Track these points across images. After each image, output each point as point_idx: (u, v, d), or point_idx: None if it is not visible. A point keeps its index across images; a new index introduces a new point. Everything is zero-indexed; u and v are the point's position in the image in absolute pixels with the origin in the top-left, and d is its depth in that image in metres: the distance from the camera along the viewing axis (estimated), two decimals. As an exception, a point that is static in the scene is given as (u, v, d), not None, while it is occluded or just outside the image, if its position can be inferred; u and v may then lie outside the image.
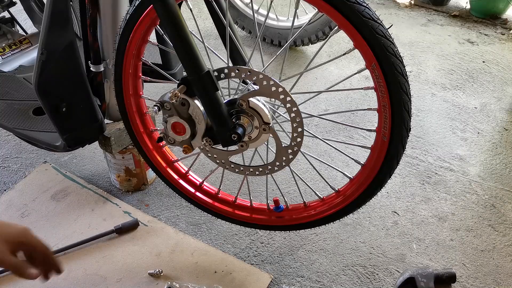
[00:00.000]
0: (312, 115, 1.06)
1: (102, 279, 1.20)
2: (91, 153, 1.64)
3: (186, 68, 0.91)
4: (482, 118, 1.85)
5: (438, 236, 1.36)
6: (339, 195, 1.09)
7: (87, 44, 1.17)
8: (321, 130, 1.77)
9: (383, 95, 0.89)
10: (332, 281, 1.23)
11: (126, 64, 1.09)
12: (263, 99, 0.97)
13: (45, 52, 1.04)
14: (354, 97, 1.96)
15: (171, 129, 1.00)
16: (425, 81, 2.08)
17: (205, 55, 0.97)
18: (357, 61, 2.18)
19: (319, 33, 2.04)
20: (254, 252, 1.30)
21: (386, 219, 1.41)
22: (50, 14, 1.01)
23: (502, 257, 1.30)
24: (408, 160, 1.63)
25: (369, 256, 1.29)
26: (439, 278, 1.20)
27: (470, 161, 1.63)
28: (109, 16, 1.13)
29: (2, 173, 1.55)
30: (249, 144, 1.01)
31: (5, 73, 1.53)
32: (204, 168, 1.58)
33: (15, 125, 1.30)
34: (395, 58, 0.85)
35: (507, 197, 1.49)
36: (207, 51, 1.02)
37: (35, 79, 1.07)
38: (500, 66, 2.20)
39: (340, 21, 0.85)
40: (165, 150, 1.26)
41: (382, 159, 0.96)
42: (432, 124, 1.81)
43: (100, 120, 1.25)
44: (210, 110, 0.94)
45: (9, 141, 1.70)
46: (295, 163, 1.59)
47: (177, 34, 0.88)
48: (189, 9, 1.01)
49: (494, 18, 2.61)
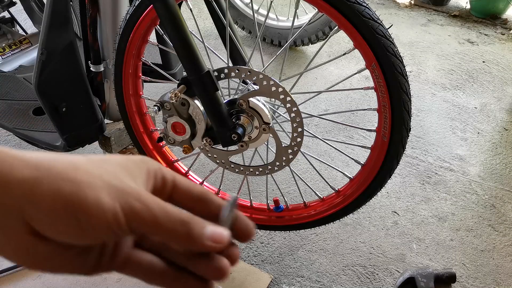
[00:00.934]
0: (312, 115, 1.06)
1: (102, 279, 1.20)
2: (91, 153, 1.64)
3: (186, 68, 0.91)
4: (482, 118, 1.85)
5: (438, 236, 1.36)
6: (339, 195, 1.09)
7: (87, 44, 1.17)
8: (321, 130, 1.77)
9: (383, 95, 0.89)
10: (332, 281, 1.23)
11: (126, 64, 1.09)
12: (263, 99, 0.97)
13: (45, 52, 1.04)
14: (354, 97, 1.96)
15: (171, 129, 1.00)
16: (425, 81, 2.08)
17: (205, 55, 0.97)
18: (357, 61, 2.18)
19: (319, 33, 2.04)
20: (254, 252, 1.30)
21: (386, 219, 1.41)
22: (50, 14, 1.01)
23: (502, 257, 1.30)
24: (408, 160, 1.63)
25: (369, 256, 1.29)
26: (439, 278, 1.20)
27: (470, 161, 1.63)
28: (109, 16, 1.13)
29: (2, 173, 1.55)
30: (249, 144, 1.01)
31: (5, 73, 1.53)
32: (204, 168, 1.58)
33: (15, 125, 1.30)
34: (395, 58, 0.85)
35: (507, 197, 1.49)
36: (207, 51, 1.02)
37: (35, 79, 1.07)
38: (500, 66, 2.20)
39: (340, 21, 0.85)
40: (165, 150, 1.26)
41: (382, 159, 0.96)
42: (432, 124, 1.81)
43: (100, 120, 1.25)
44: (210, 110, 0.93)
45: (9, 141, 1.70)
46: (295, 163, 1.58)
47: (177, 34, 0.88)
48: (189, 9, 1.01)
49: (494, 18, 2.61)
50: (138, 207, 0.29)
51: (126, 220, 0.29)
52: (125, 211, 0.29)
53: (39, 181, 0.28)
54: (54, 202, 0.28)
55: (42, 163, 0.29)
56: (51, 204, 0.28)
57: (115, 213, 0.29)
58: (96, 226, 0.28)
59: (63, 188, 0.28)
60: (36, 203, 0.28)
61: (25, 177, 0.28)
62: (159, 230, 0.30)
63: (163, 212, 0.30)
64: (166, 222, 0.30)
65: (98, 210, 0.28)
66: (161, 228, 0.30)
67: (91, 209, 0.28)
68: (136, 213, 0.29)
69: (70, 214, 0.28)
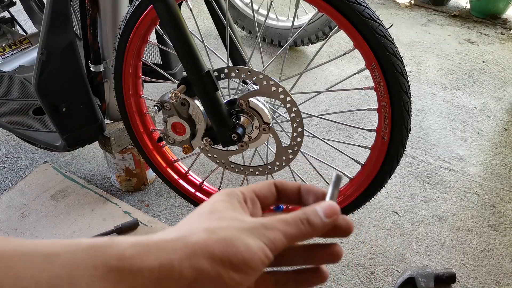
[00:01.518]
0: (312, 115, 1.06)
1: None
2: (91, 153, 1.64)
3: (186, 68, 0.91)
4: (482, 118, 1.85)
5: (438, 236, 1.36)
6: (339, 195, 1.09)
7: (87, 44, 1.17)
8: (321, 130, 1.77)
9: (383, 95, 0.89)
10: (332, 281, 1.23)
11: (126, 64, 1.09)
12: (263, 99, 0.97)
13: (45, 52, 1.04)
14: (354, 97, 1.96)
15: (171, 129, 1.00)
16: (425, 81, 2.08)
17: (205, 55, 0.97)
18: (357, 61, 2.18)
19: (319, 33, 2.04)
20: (254, 252, 1.30)
21: (386, 219, 1.41)
22: (50, 14, 1.01)
23: (502, 257, 1.30)
24: (408, 160, 1.63)
25: (369, 256, 1.29)
26: (439, 278, 1.20)
27: (470, 161, 1.63)
28: (109, 16, 1.13)
29: (2, 173, 1.55)
30: (249, 144, 1.01)
31: (5, 73, 1.53)
32: (204, 168, 1.58)
33: (15, 125, 1.30)
34: (395, 58, 0.85)
35: (507, 197, 1.49)
36: (207, 51, 1.02)
37: (35, 79, 1.07)
38: (500, 66, 2.20)
39: (340, 21, 0.85)
40: (165, 150, 1.26)
41: (382, 159, 0.96)
42: (432, 124, 1.81)
43: (100, 120, 1.25)
44: (210, 110, 0.93)
45: (9, 141, 1.70)
46: (295, 163, 1.58)
47: (177, 34, 0.88)
48: (189, 9, 1.01)
49: (494, 18, 2.61)
50: (272, 235, 0.33)
51: (271, 251, 0.33)
52: (267, 243, 0.33)
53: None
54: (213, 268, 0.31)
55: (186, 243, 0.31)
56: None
57: (262, 249, 0.32)
58: (254, 267, 0.32)
59: (215, 253, 0.31)
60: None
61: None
62: (292, 241, 0.34)
63: (285, 224, 0.34)
64: (293, 231, 0.34)
65: (251, 253, 0.31)
66: (293, 238, 0.34)
67: (245, 256, 0.31)
68: (273, 241, 0.33)
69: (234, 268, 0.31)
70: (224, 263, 0.30)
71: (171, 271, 0.29)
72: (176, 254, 0.30)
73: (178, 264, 0.29)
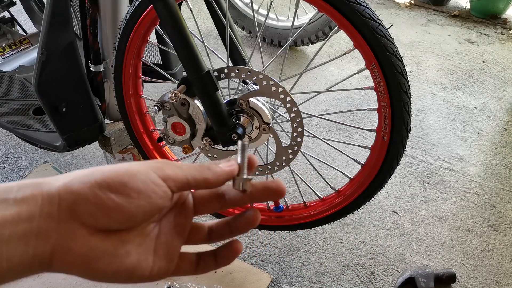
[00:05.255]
0: (312, 115, 1.06)
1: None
2: (91, 153, 1.64)
3: (186, 68, 0.91)
4: (482, 118, 1.85)
5: (438, 236, 1.36)
6: (339, 195, 1.09)
7: (87, 44, 1.17)
8: (321, 130, 1.77)
9: (383, 95, 0.89)
10: (332, 281, 1.23)
11: (126, 64, 1.09)
12: (263, 99, 0.97)
13: (45, 52, 1.04)
14: (354, 97, 1.96)
15: (171, 129, 1.00)
16: (425, 81, 2.08)
17: (205, 55, 0.97)
18: (357, 61, 2.18)
19: (319, 33, 2.04)
20: (254, 252, 1.30)
21: (386, 219, 1.41)
22: (50, 14, 1.01)
23: (502, 257, 1.30)
24: (408, 160, 1.63)
25: (369, 256, 1.29)
26: (439, 278, 1.20)
27: (470, 161, 1.63)
28: (109, 16, 1.13)
29: (2, 173, 1.55)
30: (249, 144, 1.01)
31: (5, 73, 1.53)
32: (204, 168, 1.58)
33: (15, 125, 1.30)
34: (395, 58, 0.85)
35: (507, 197, 1.49)
36: (207, 51, 1.02)
37: (35, 79, 1.07)
38: (500, 66, 2.20)
39: (340, 21, 0.85)
40: (165, 150, 1.26)
41: (382, 159, 0.96)
42: (432, 124, 1.81)
43: (100, 120, 1.25)
44: (210, 110, 0.93)
45: (9, 141, 1.70)
46: (295, 163, 1.58)
47: (177, 34, 0.88)
48: (189, 9, 1.01)
49: (494, 18, 2.61)
50: (172, 170, 0.37)
51: (169, 186, 0.36)
52: (162, 177, 0.36)
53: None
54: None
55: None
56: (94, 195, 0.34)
57: (153, 179, 0.35)
58: (138, 191, 0.35)
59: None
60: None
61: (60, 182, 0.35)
62: (194, 182, 0.38)
63: (190, 167, 0.38)
64: (196, 173, 0.38)
65: (133, 178, 0.35)
66: (195, 179, 0.38)
67: (125, 179, 0.34)
68: (171, 176, 0.36)
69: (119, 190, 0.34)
70: (101, 185, 0.33)
71: (52, 198, 0.33)
72: (58, 182, 0.34)
73: (57, 191, 0.33)
